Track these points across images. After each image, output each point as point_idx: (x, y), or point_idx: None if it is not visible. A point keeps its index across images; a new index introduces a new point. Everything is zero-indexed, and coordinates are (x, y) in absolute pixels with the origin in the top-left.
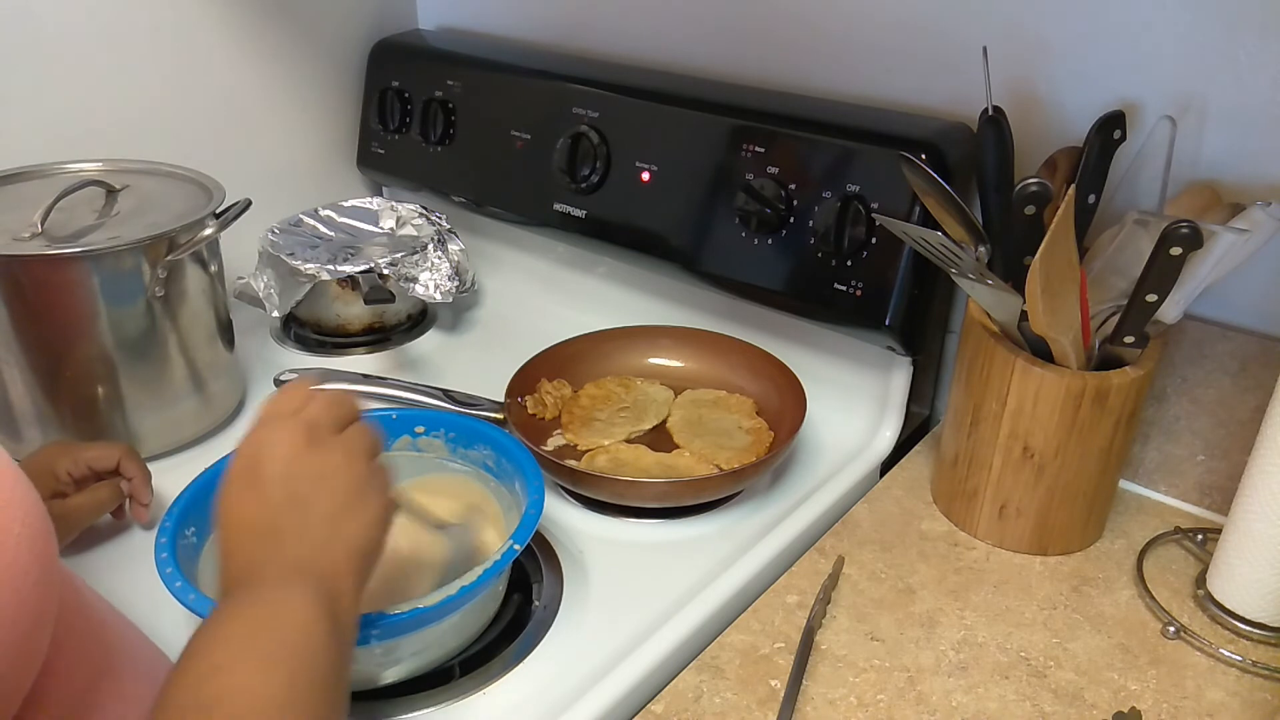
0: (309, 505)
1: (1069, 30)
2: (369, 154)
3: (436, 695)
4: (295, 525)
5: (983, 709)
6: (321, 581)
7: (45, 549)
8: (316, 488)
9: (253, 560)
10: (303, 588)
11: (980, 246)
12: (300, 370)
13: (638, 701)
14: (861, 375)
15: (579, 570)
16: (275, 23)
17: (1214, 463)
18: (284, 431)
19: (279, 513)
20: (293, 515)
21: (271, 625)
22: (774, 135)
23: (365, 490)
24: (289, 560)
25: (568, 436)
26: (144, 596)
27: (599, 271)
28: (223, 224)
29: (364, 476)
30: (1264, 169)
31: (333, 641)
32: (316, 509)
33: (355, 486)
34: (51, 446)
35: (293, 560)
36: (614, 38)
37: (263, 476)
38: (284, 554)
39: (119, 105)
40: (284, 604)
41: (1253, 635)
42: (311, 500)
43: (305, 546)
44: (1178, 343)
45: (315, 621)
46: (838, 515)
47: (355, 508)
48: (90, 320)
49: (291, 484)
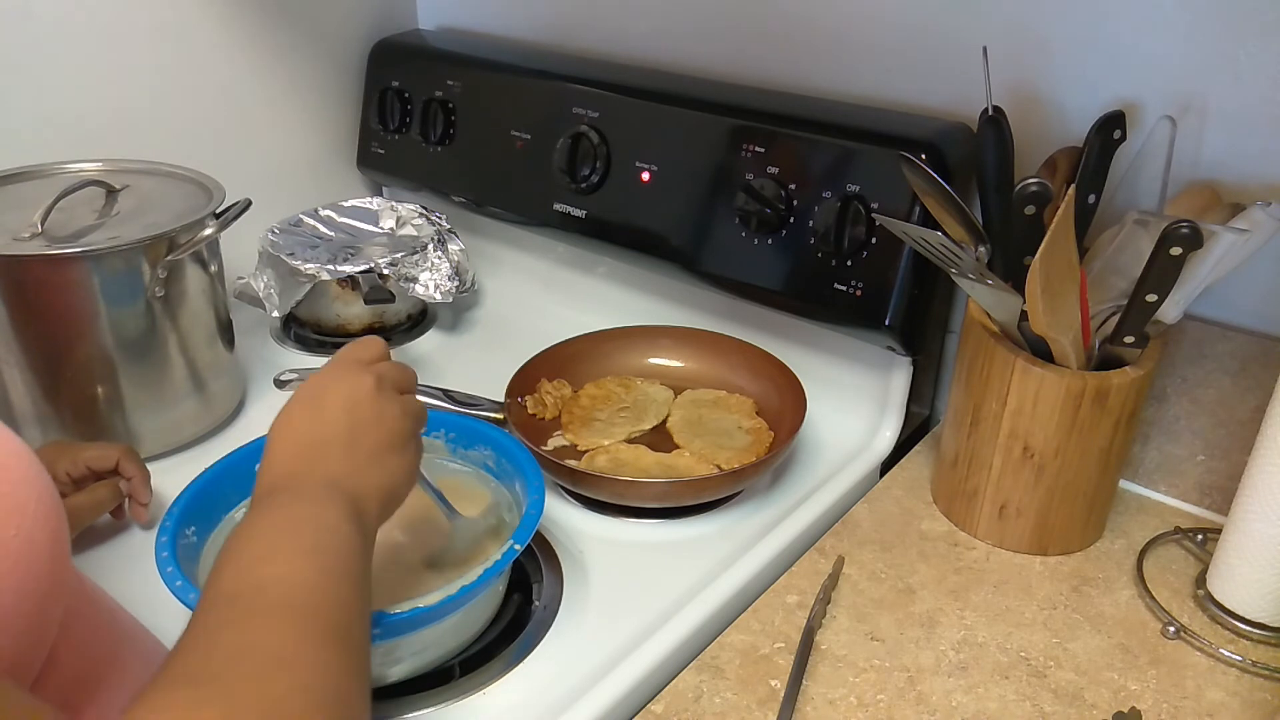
0: (360, 435)
1: (1069, 30)
2: (369, 154)
3: (436, 695)
4: (343, 447)
5: (983, 709)
6: (353, 501)
7: (58, 527)
8: (372, 424)
9: (294, 470)
10: (337, 500)
11: (980, 246)
12: (300, 370)
13: (638, 701)
14: (861, 375)
15: (579, 570)
16: (275, 23)
17: (1214, 463)
18: (356, 373)
19: (333, 433)
20: (344, 438)
21: (309, 524)
22: (774, 135)
23: (407, 444)
24: (328, 474)
25: (568, 436)
26: (144, 595)
27: (599, 271)
28: (223, 224)
29: (410, 433)
30: (1264, 169)
31: (359, 544)
32: (365, 441)
33: (401, 437)
34: (50, 446)
35: (332, 475)
36: (614, 38)
37: (327, 402)
38: (325, 468)
39: (119, 105)
40: (319, 506)
41: (1253, 635)
42: (364, 432)
43: (347, 467)
44: (1178, 343)
45: (347, 525)
46: (838, 515)
47: (396, 453)
48: (90, 320)
49: (353, 413)
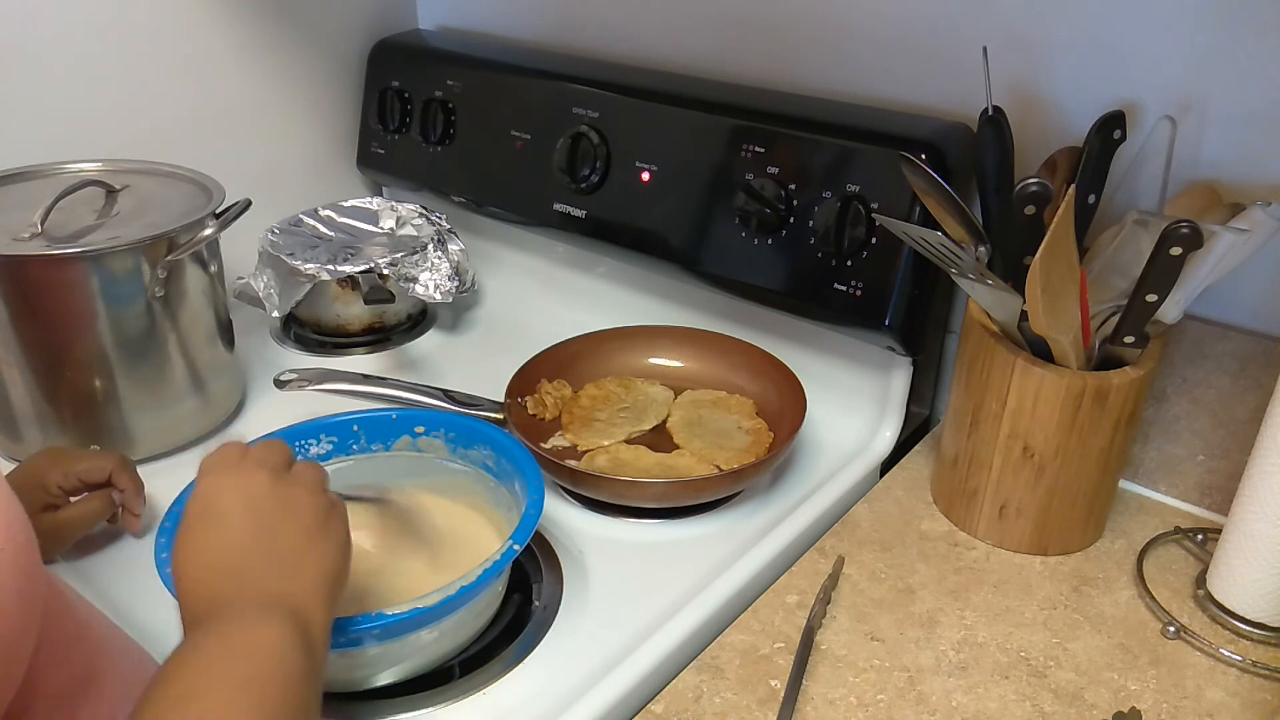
0: (276, 537)
1: (1069, 30)
2: (369, 154)
3: (436, 695)
4: (263, 558)
5: (983, 709)
6: (292, 610)
7: (28, 562)
8: (282, 520)
9: (219, 596)
10: (274, 615)
11: (980, 246)
12: (300, 370)
13: (638, 701)
14: (861, 375)
15: (579, 570)
16: (275, 23)
17: (1214, 463)
18: (240, 473)
19: (246, 548)
20: (260, 549)
21: (243, 652)
22: (774, 135)
23: (328, 519)
24: (258, 593)
25: (568, 437)
26: (142, 600)
27: (599, 271)
28: (223, 224)
29: (325, 507)
30: (1264, 169)
31: (306, 667)
32: (283, 540)
33: (318, 516)
34: (42, 457)
35: (262, 592)
36: (614, 38)
37: (225, 516)
38: (253, 587)
39: (119, 105)
40: (255, 630)
41: (1253, 635)
42: (278, 532)
43: (274, 578)
44: (1178, 343)
45: (287, 648)
46: (838, 515)
47: (320, 536)
48: (90, 320)
49: (257, 518)
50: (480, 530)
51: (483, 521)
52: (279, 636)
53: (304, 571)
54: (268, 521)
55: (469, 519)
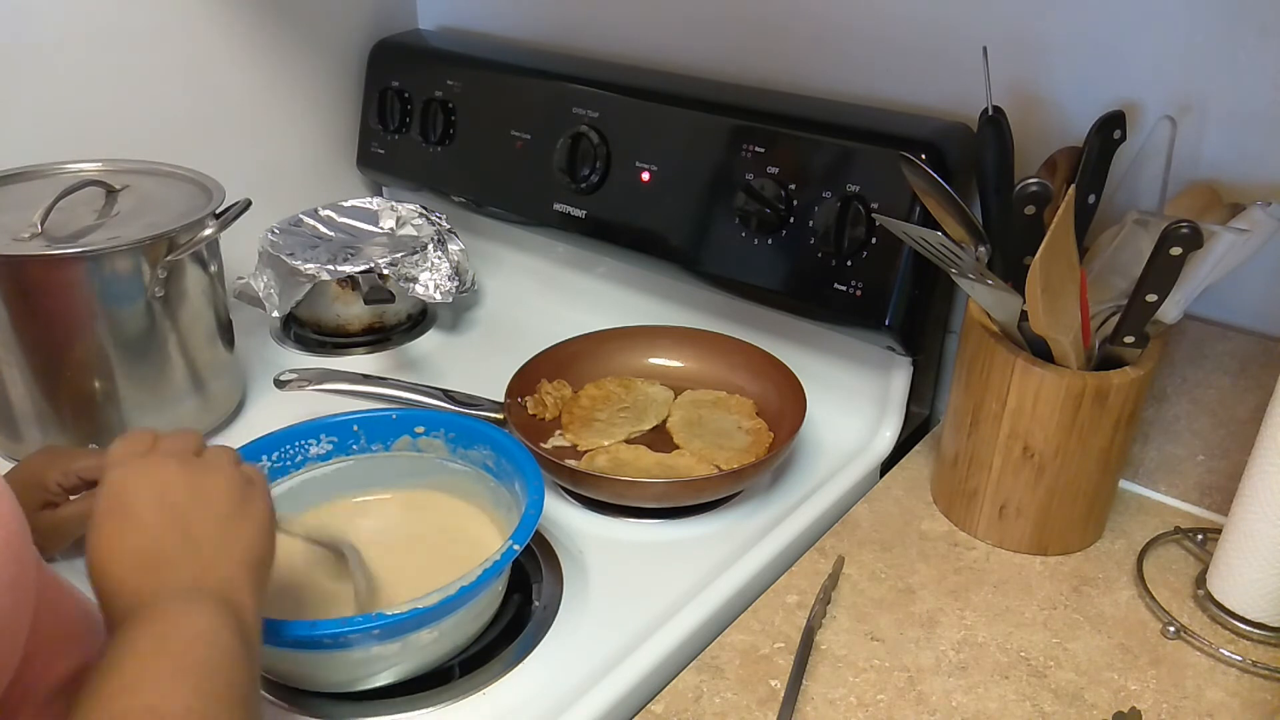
0: (191, 525)
1: (1069, 30)
2: (369, 154)
3: (436, 695)
4: (180, 548)
5: (983, 709)
6: (219, 596)
7: (21, 553)
8: (196, 506)
9: (140, 592)
10: (200, 603)
11: (980, 246)
12: (300, 370)
13: (638, 701)
14: (861, 375)
15: (579, 570)
16: (275, 22)
17: (1214, 463)
18: (150, 464)
19: (162, 540)
20: (176, 539)
21: (176, 638)
22: (774, 135)
23: (246, 498)
24: (182, 583)
25: (568, 437)
26: None
27: (599, 271)
28: (223, 224)
29: (240, 485)
30: (1264, 169)
31: (240, 648)
32: (198, 530)
33: (233, 499)
34: (40, 456)
35: (186, 582)
36: (614, 38)
37: (136, 510)
38: (174, 580)
39: (119, 105)
40: (184, 618)
41: (1253, 635)
42: (193, 519)
43: (196, 567)
44: (1178, 343)
45: (219, 630)
46: (838, 515)
47: (238, 518)
48: (90, 320)
49: (170, 509)
50: (480, 530)
51: (483, 521)
52: (208, 622)
53: (224, 559)
54: (180, 512)
55: (470, 517)
